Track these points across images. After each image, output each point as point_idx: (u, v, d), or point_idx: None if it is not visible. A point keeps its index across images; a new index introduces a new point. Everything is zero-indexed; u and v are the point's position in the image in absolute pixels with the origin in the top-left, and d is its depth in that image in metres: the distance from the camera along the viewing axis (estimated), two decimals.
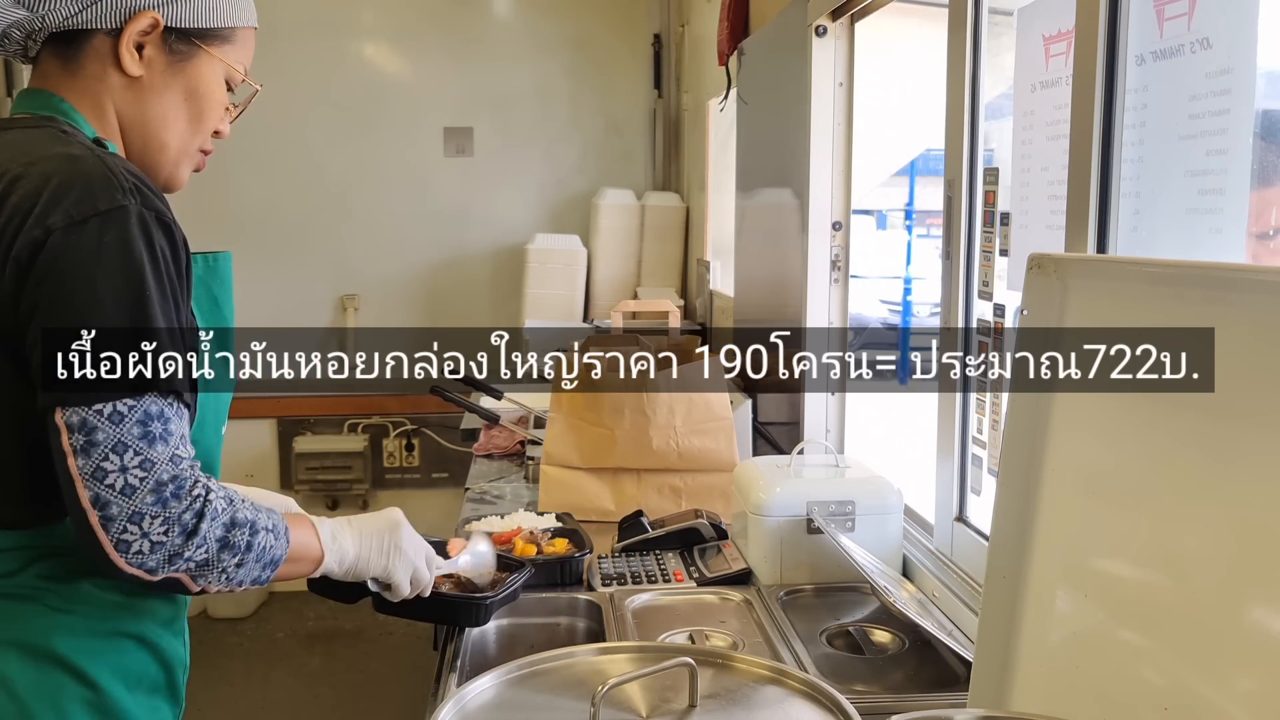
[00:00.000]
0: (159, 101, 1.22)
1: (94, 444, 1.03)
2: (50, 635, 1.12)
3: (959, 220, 1.66)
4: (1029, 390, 1.06)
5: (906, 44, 2.58)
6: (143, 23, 1.18)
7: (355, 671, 3.98)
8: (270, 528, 1.15)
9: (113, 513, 1.03)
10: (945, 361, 1.72)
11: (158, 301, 1.07)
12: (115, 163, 1.11)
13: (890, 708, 1.06)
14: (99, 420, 1.03)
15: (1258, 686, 0.84)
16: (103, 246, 1.05)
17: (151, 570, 1.05)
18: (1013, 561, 1.06)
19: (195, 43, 1.22)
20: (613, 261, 4.44)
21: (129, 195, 1.07)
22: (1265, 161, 1.09)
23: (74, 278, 1.04)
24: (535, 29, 4.66)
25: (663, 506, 2.13)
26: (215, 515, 1.08)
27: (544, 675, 1.00)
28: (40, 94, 1.21)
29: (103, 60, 1.20)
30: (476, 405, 3.01)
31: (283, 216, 4.61)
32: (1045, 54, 1.41)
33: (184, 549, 1.06)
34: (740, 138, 3.12)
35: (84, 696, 1.13)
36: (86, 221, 1.05)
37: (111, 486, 1.03)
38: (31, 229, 1.04)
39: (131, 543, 1.03)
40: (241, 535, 1.10)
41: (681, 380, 2.14)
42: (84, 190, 1.06)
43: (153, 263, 1.07)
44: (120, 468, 1.03)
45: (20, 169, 1.09)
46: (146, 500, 1.04)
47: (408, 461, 4.81)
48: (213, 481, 1.11)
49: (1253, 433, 0.84)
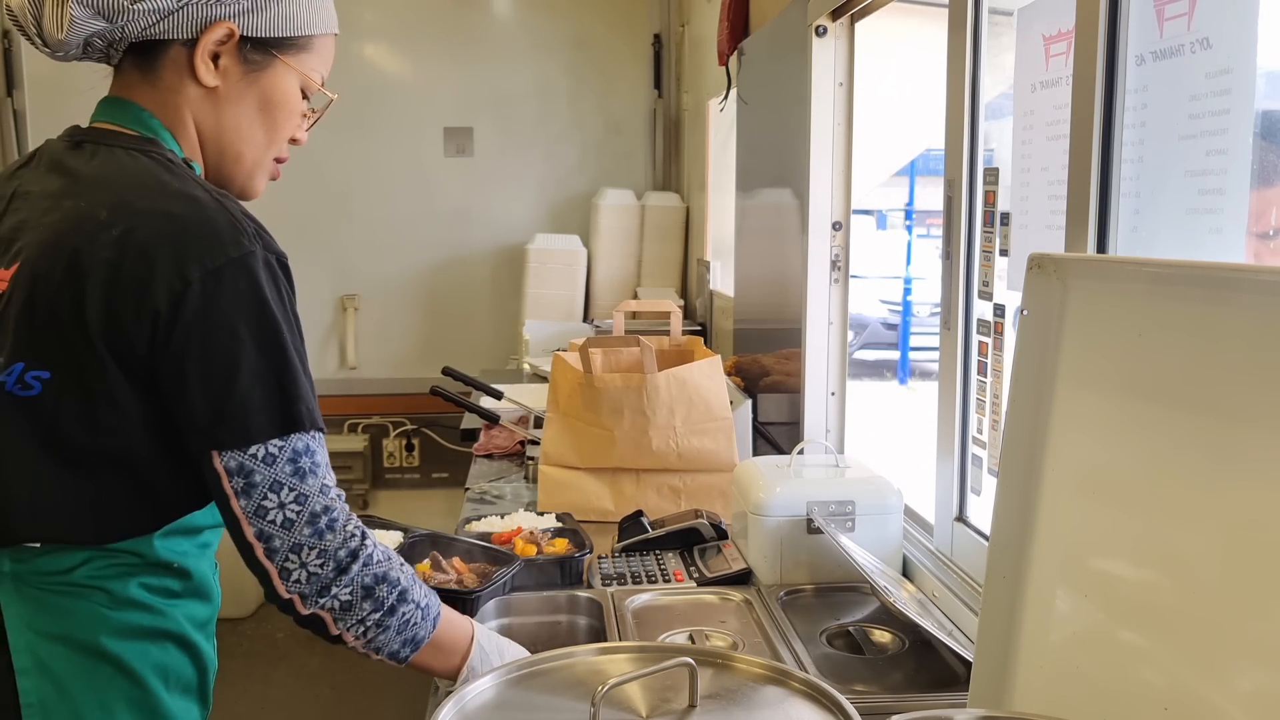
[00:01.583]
0: (234, 112, 1.22)
1: (253, 485, 1.08)
2: (99, 632, 1.13)
3: (959, 220, 1.66)
4: (1029, 390, 1.06)
5: (906, 44, 2.58)
6: (218, 33, 1.18)
7: (355, 671, 3.97)
8: (422, 605, 1.18)
9: (276, 545, 1.10)
10: (945, 361, 1.72)
11: (291, 342, 1.11)
12: (234, 206, 1.14)
13: (890, 708, 1.06)
14: (255, 464, 1.08)
15: (1258, 686, 0.84)
16: (239, 294, 1.08)
17: (304, 598, 1.11)
18: (1013, 561, 1.07)
19: (271, 52, 1.22)
20: (613, 261, 4.45)
21: (254, 240, 1.10)
22: (1265, 161, 1.09)
23: (219, 328, 1.08)
24: (535, 29, 4.67)
25: (662, 507, 2.13)
26: (369, 562, 1.13)
27: (544, 675, 1.00)
28: (126, 105, 1.21)
29: (179, 71, 1.20)
30: (476, 405, 3.01)
31: (283, 216, 4.58)
32: (1045, 54, 1.41)
33: (334, 584, 1.11)
34: (740, 138, 3.12)
35: (129, 694, 1.15)
36: (222, 270, 1.08)
37: (273, 522, 1.09)
38: (168, 278, 1.06)
39: (292, 571, 1.10)
40: (389, 593, 1.14)
41: (681, 381, 2.14)
42: (213, 238, 1.08)
43: (279, 305, 1.11)
44: (279, 504, 1.09)
45: (142, 203, 1.10)
46: (304, 532, 1.10)
47: (408, 461, 4.81)
48: (371, 534, 1.15)
49: (1252, 433, 0.84)
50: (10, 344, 1.10)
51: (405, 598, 1.15)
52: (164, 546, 1.16)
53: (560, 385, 2.25)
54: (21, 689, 1.12)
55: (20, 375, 1.09)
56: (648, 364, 2.11)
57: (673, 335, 2.49)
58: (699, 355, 2.36)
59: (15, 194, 1.18)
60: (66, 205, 1.12)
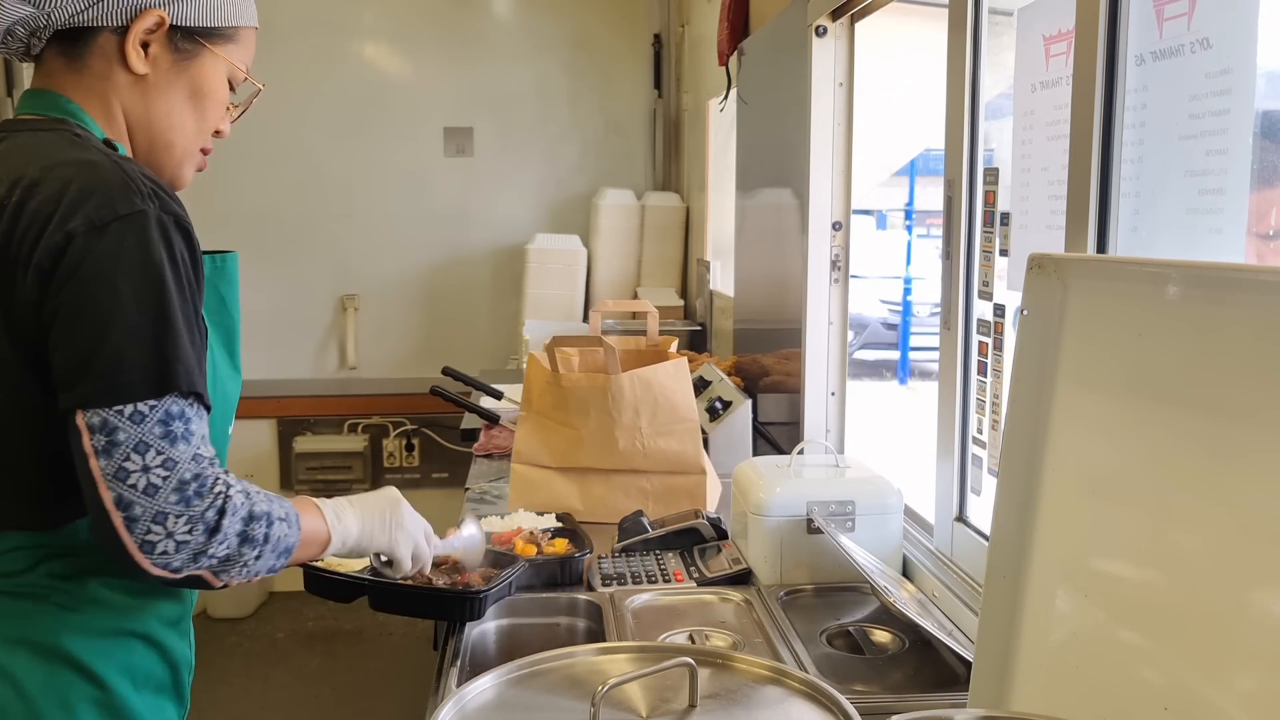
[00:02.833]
0: (164, 100, 1.23)
1: (116, 444, 1.03)
2: (59, 634, 1.12)
3: (959, 220, 1.66)
4: (1029, 390, 1.06)
5: (906, 44, 2.58)
6: (149, 20, 1.18)
7: (355, 671, 3.98)
8: (284, 517, 1.15)
9: (136, 513, 1.03)
10: (945, 361, 1.72)
11: (177, 304, 1.08)
12: (132, 167, 1.12)
13: (890, 708, 1.06)
14: (120, 421, 1.03)
15: (1258, 686, 0.84)
16: (123, 250, 1.05)
17: (176, 570, 1.05)
18: (1013, 561, 1.06)
19: (200, 41, 1.23)
20: (613, 261, 4.45)
21: (148, 200, 1.08)
22: (1265, 161, 1.08)
23: (96, 282, 1.05)
24: (535, 29, 4.66)
25: (630, 508, 2.09)
26: (235, 510, 1.08)
27: (544, 675, 1.00)
28: (47, 94, 1.21)
29: (108, 58, 1.19)
30: (476, 405, 3.01)
31: (283, 216, 4.61)
32: (1045, 54, 1.41)
33: (207, 546, 1.06)
34: (740, 138, 3.12)
35: (92, 695, 1.14)
36: (107, 226, 1.05)
37: (134, 487, 1.03)
38: (52, 234, 1.05)
39: (156, 543, 1.03)
40: (259, 528, 1.11)
41: (646, 381, 2.12)
42: (103, 195, 1.07)
43: (172, 265, 1.08)
44: (143, 467, 1.03)
45: (38, 173, 1.09)
46: (170, 500, 1.04)
47: (408, 461, 4.81)
48: (230, 476, 1.11)
49: (1253, 432, 0.84)
50: None
51: (271, 520, 1.12)
52: None
53: (532, 384, 2.23)
54: None
55: None
56: (611, 364, 2.10)
57: (649, 336, 2.46)
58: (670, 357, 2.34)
59: None
60: None
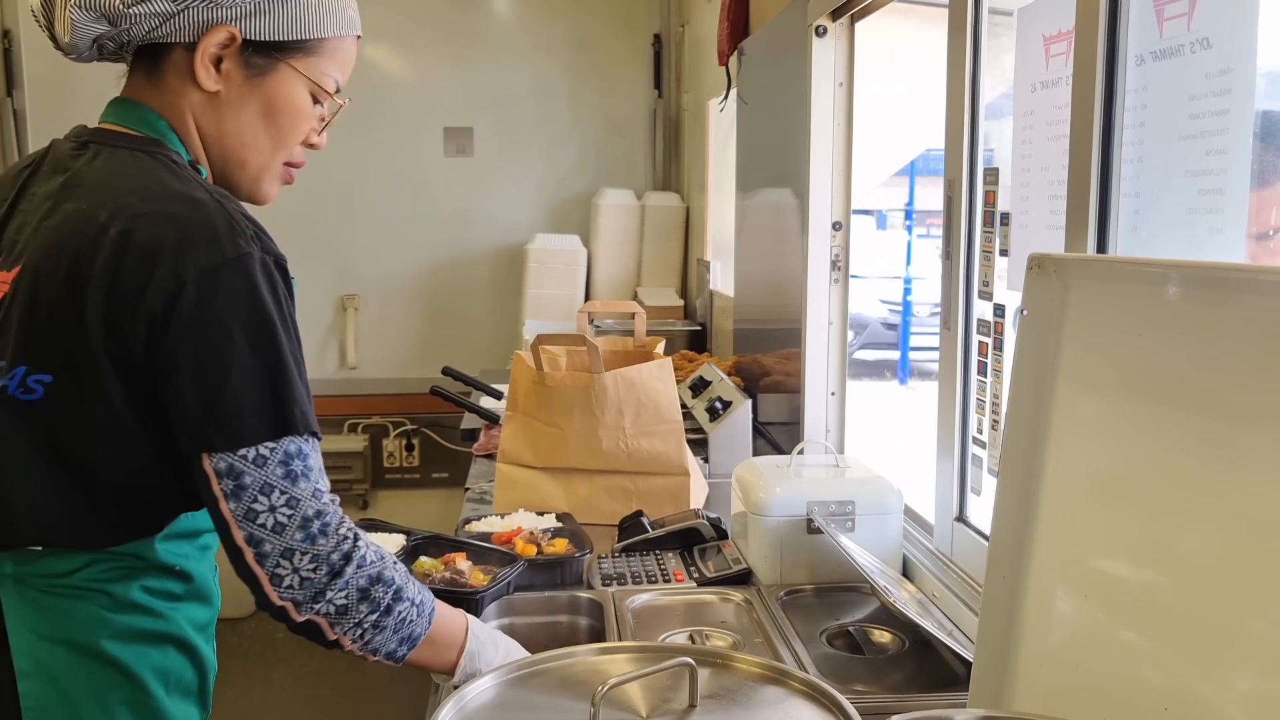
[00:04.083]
0: (236, 117, 1.21)
1: (243, 488, 1.07)
2: (100, 635, 1.13)
3: (959, 220, 1.66)
4: (1029, 390, 1.06)
5: (906, 44, 2.58)
6: (219, 36, 1.16)
7: (355, 671, 3.97)
8: (417, 602, 1.17)
9: (266, 550, 1.08)
10: (945, 361, 1.72)
11: (286, 344, 1.10)
12: (233, 206, 1.13)
13: (890, 708, 1.06)
14: (245, 465, 1.07)
15: (1258, 686, 0.84)
16: (234, 295, 1.07)
17: (298, 605, 1.09)
18: (1013, 561, 1.07)
19: (275, 56, 1.20)
20: (613, 261, 4.45)
21: (251, 242, 1.09)
22: (1265, 161, 1.09)
23: (211, 328, 1.07)
24: (535, 29, 4.66)
25: (613, 509, 2.09)
26: (362, 564, 1.11)
27: (544, 675, 1.00)
28: (135, 107, 1.20)
29: (181, 75, 1.19)
30: (476, 405, 3.01)
31: (283, 216, 4.59)
32: (1045, 54, 1.41)
33: (328, 589, 1.09)
34: (740, 138, 3.12)
35: (129, 698, 1.15)
36: (217, 270, 1.07)
37: (263, 526, 1.07)
38: (164, 279, 1.06)
39: (284, 577, 1.08)
40: (384, 593, 1.13)
41: (630, 381, 2.11)
42: (210, 238, 1.07)
43: (277, 306, 1.10)
44: (269, 508, 1.07)
45: (142, 206, 1.09)
46: (296, 536, 1.08)
47: (408, 461, 4.81)
48: (360, 531, 1.14)
49: (1253, 433, 0.85)
50: (12, 347, 1.09)
51: (400, 596, 1.14)
52: (165, 549, 1.16)
53: (518, 383, 2.23)
54: (22, 692, 1.12)
55: (23, 379, 1.09)
56: (594, 364, 2.10)
57: (636, 336, 2.46)
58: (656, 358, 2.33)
59: (19, 195, 1.18)
60: (67, 207, 1.12)
